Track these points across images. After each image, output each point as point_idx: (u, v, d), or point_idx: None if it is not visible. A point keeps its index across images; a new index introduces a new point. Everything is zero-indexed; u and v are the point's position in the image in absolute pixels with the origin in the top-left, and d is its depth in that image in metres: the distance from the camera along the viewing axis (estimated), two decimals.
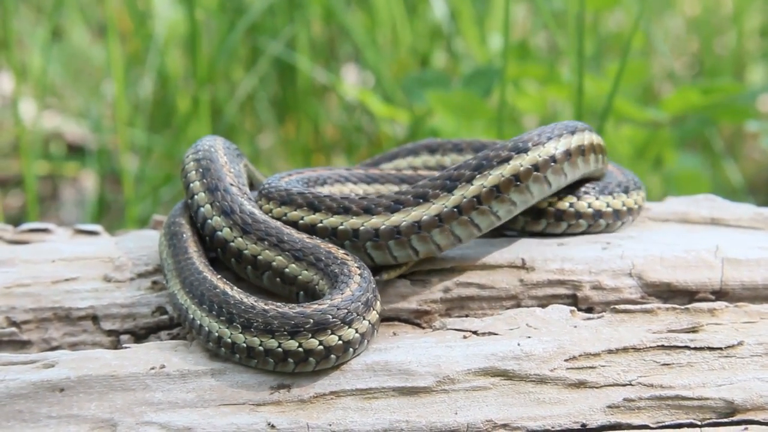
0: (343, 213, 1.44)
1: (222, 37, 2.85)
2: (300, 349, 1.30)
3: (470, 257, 1.50)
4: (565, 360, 1.34)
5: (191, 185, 1.52)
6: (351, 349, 1.32)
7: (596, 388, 1.33)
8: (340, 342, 1.31)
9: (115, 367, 1.33)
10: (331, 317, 1.31)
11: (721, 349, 1.37)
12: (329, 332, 1.30)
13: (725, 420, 1.32)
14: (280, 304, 1.33)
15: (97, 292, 1.49)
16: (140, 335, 1.46)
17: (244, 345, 1.31)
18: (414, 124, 2.65)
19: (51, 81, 3.28)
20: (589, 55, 2.64)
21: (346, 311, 1.32)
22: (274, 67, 3.04)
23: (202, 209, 1.49)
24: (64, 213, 3.05)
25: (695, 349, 1.36)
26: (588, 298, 1.47)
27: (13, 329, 1.45)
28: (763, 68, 3.24)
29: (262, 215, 1.46)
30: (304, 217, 1.46)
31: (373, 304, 1.36)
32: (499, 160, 1.44)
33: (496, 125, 2.23)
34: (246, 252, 1.44)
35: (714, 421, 1.32)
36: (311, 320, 1.30)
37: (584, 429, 1.31)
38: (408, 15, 3.06)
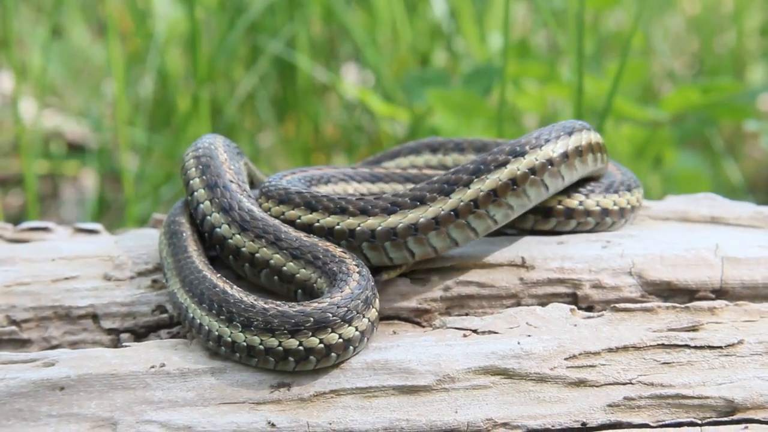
0: (340, 213, 1.44)
1: (222, 36, 2.85)
2: (300, 348, 1.30)
3: (470, 256, 1.50)
4: (565, 359, 1.34)
5: (191, 182, 1.52)
6: (351, 348, 1.32)
7: (596, 386, 1.33)
8: (341, 340, 1.31)
9: (116, 366, 1.32)
10: (331, 315, 1.31)
11: (721, 347, 1.36)
12: (330, 330, 1.30)
13: (725, 419, 1.32)
14: (279, 302, 1.33)
15: (97, 291, 1.49)
16: (140, 334, 1.46)
17: (244, 344, 1.31)
18: (414, 123, 2.65)
19: (51, 80, 3.28)
20: (589, 54, 2.64)
21: (346, 309, 1.32)
22: (274, 66, 3.04)
23: (201, 206, 1.49)
24: (65, 212, 3.05)
25: (695, 347, 1.36)
26: (588, 296, 1.47)
27: (13, 328, 1.45)
28: (763, 67, 3.23)
29: (260, 213, 1.46)
30: (301, 216, 1.46)
31: (373, 301, 1.36)
32: (496, 164, 1.44)
33: (496, 124, 2.23)
34: (244, 249, 1.43)
35: (714, 419, 1.32)
36: (312, 318, 1.30)
37: (584, 428, 1.31)
38: (408, 14, 3.06)
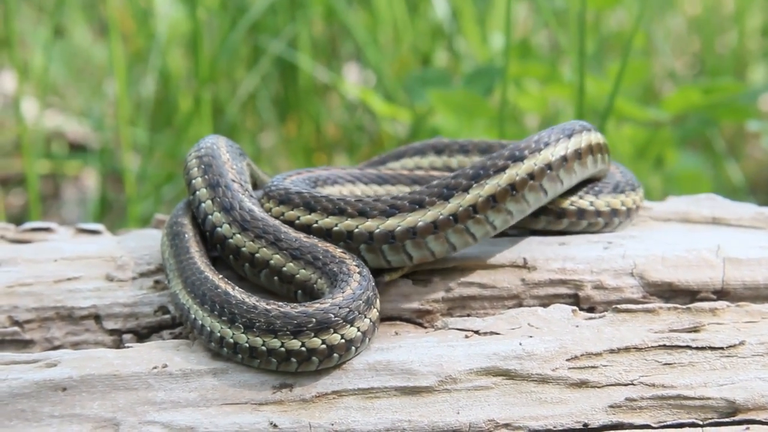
0: (339, 214, 1.44)
1: (224, 36, 2.85)
2: (303, 349, 1.30)
3: (472, 257, 1.50)
4: (567, 359, 1.34)
5: (193, 181, 1.52)
6: (353, 348, 1.32)
7: (598, 387, 1.33)
8: (343, 341, 1.31)
9: (118, 367, 1.33)
10: (333, 316, 1.31)
11: (722, 348, 1.37)
12: (332, 331, 1.30)
13: (727, 419, 1.32)
14: (282, 303, 1.33)
15: (100, 292, 1.49)
16: (142, 334, 1.46)
17: (247, 345, 1.31)
18: (415, 123, 2.65)
19: (53, 80, 3.28)
20: (591, 55, 2.64)
21: (348, 310, 1.32)
22: (275, 66, 3.04)
23: (203, 205, 1.49)
24: (66, 212, 3.05)
25: (697, 348, 1.36)
26: (590, 297, 1.47)
27: (16, 328, 1.45)
28: (765, 67, 3.23)
29: (261, 213, 1.46)
30: (300, 216, 1.46)
31: (374, 301, 1.36)
32: (495, 169, 1.43)
33: (497, 124, 2.23)
34: (244, 249, 1.43)
35: (715, 420, 1.32)
36: (314, 319, 1.30)
37: (586, 428, 1.31)
38: (409, 14, 3.06)
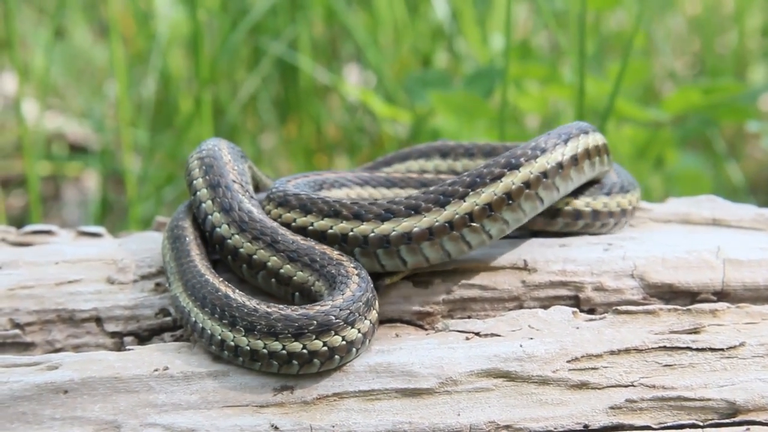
0: (333, 217, 1.44)
1: (224, 37, 2.85)
2: (304, 351, 1.30)
3: (472, 259, 1.50)
4: (568, 361, 1.35)
5: (194, 182, 1.52)
6: (354, 349, 1.32)
7: (598, 389, 1.33)
8: (344, 342, 1.31)
9: (119, 369, 1.33)
10: (334, 318, 1.31)
11: (722, 350, 1.37)
12: (333, 333, 1.31)
13: (727, 421, 1.32)
14: (282, 306, 1.33)
15: (101, 294, 1.49)
16: (143, 337, 1.46)
17: (248, 348, 1.31)
18: (416, 124, 2.65)
19: (53, 81, 3.28)
20: (591, 55, 2.64)
21: (348, 312, 1.32)
22: (276, 68, 3.04)
23: (203, 205, 1.49)
24: (67, 213, 3.05)
25: (697, 350, 1.37)
26: (590, 299, 1.48)
27: (17, 331, 1.45)
28: (765, 68, 3.23)
29: (260, 214, 1.46)
30: (296, 219, 1.46)
31: (373, 303, 1.36)
32: (491, 177, 1.43)
33: (497, 125, 2.23)
34: (242, 250, 1.44)
35: (716, 421, 1.32)
36: (315, 322, 1.30)
37: (586, 430, 1.31)
38: (409, 15, 3.06)
